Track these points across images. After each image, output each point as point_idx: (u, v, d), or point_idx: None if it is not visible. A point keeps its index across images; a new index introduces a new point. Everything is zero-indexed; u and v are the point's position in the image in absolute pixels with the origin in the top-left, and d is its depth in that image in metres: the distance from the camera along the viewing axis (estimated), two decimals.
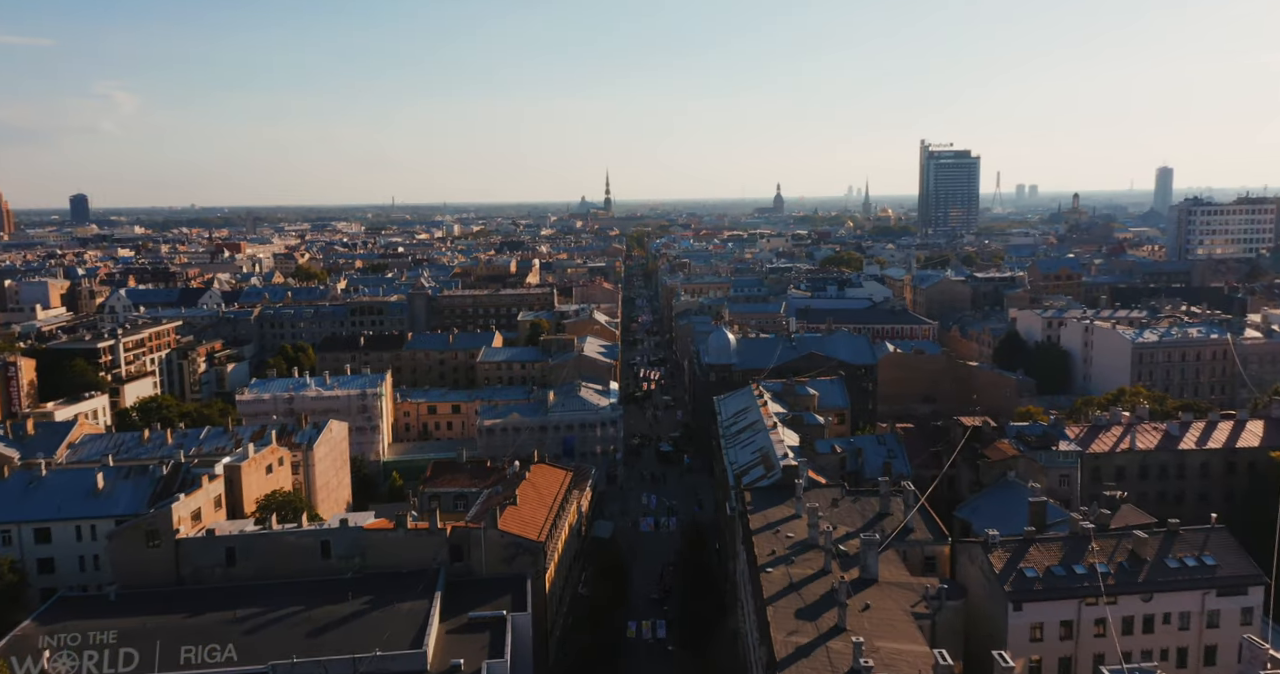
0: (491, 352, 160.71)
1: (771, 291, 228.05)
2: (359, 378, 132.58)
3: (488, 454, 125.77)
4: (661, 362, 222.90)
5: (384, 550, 75.13)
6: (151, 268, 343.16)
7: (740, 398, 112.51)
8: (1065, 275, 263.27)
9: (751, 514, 71.61)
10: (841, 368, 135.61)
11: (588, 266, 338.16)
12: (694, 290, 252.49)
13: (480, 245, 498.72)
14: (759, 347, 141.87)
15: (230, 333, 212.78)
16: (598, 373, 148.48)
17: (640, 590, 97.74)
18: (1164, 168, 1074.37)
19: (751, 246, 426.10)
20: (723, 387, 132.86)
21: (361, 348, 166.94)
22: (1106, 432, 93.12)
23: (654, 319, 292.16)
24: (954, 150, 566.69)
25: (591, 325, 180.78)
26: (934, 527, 70.45)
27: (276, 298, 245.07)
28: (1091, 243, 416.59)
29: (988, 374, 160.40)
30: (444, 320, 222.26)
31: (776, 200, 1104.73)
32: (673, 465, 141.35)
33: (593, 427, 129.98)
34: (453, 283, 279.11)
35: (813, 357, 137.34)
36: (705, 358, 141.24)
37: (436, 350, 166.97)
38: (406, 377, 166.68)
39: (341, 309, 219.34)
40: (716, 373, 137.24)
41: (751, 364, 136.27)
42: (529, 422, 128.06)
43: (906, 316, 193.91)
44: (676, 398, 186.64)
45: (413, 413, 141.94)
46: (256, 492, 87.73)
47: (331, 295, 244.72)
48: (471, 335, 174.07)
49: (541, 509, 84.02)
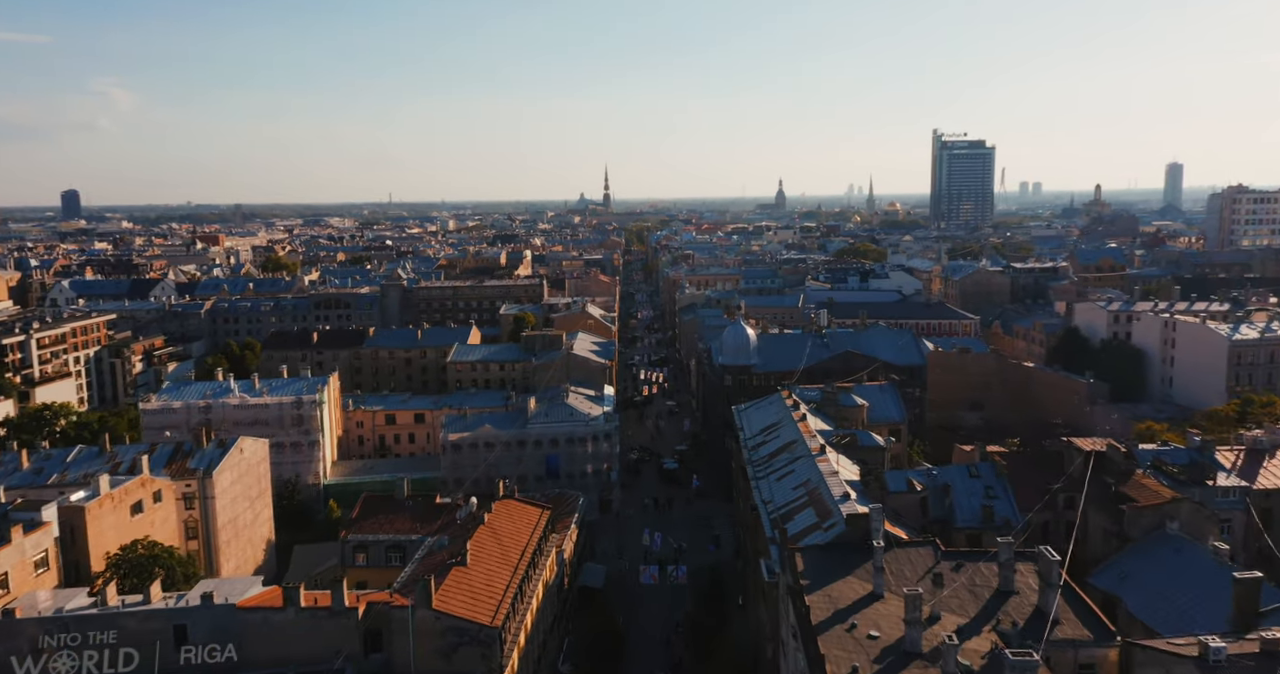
0: (465, 350, 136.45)
1: (787, 283, 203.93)
2: (297, 382, 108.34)
3: (453, 475, 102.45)
4: (664, 361, 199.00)
5: (266, 638, 51.36)
6: (115, 260, 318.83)
7: (768, 409, 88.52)
8: (1108, 266, 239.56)
9: (809, 592, 47.70)
10: (885, 370, 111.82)
11: (583, 259, 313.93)
12: (700, 282, 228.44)
13: (473, 239, 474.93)
14: (784, 344, 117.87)
15: (178, 329, 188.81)
16: (589, 375, 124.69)
17: (641, 662, 73.98)
18: (1174, 163, 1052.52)
19: (758, 239, 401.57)
20: (741, 392, 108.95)
21: (314, 345, 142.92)
22: (1273, 458, 68.97)
23: (655, 315, 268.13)
24: (968, 140, 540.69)
25: (584, 319, 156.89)
26: (1086, 613, 46.52)
27: (236, 290, 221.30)
28: (1119, 235, 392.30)
29: (1049, 377, 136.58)
30: (419, 315, 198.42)
31: (778, 196, 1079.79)
32: (679, 487, 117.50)
33: (582, 441, 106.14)
34: (435, 275, 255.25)
35: (849, 356, 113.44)
36: (719, 358, 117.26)
37: (402, 348, 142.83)
38: (367, 379, 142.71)
39: (304, 302, 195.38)
40: (733, 375, 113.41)
41: (775, 365, 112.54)
42: (504, 435, 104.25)
43: (944, 310, 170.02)
44: (682, 403, 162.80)
45: (367, 423, 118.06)
46: (113, 541, 63.78)
47: (297, 288, 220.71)
48: (444, 331, 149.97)
49: (503, 570, 60.06)
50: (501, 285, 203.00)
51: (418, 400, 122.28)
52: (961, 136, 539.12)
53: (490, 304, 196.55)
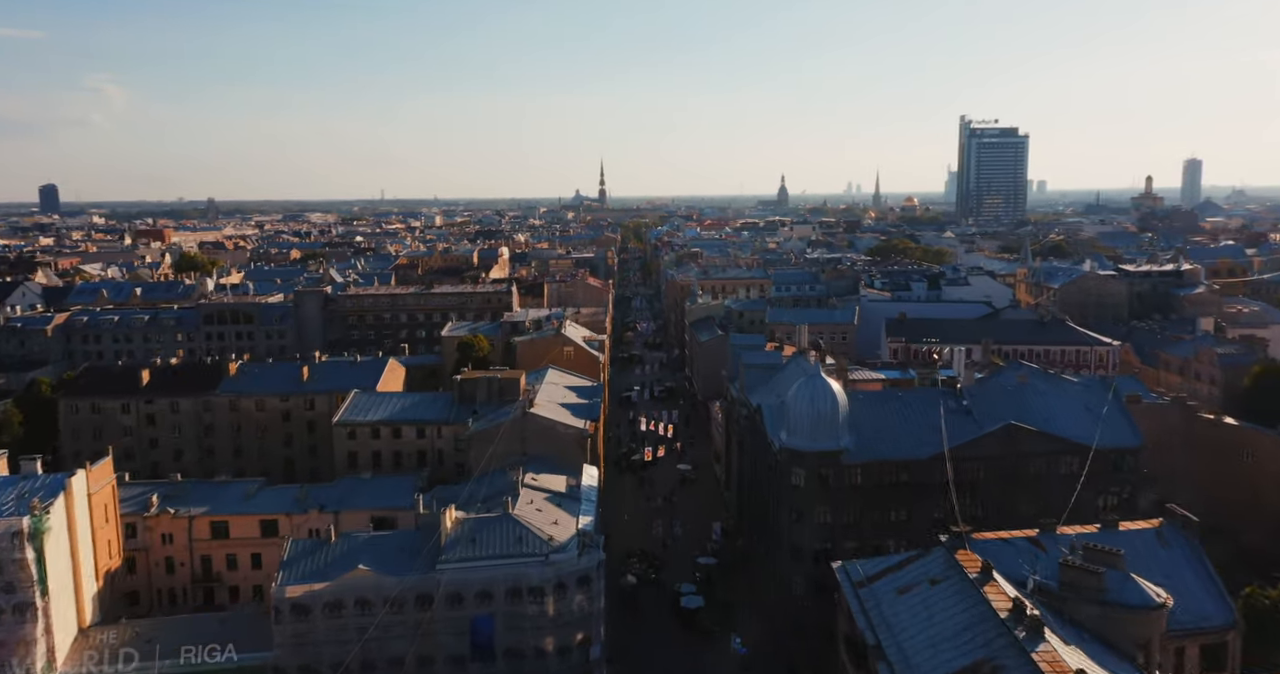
0: (365, 401, 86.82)
1: (831, 291, 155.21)
2: (12, 483, 59.33)
3: (294, 661, 54.84)
4: (672, 395, 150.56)
5: None
6: (14, 258, 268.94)
7: (922, 594, 40.11)
8: (1226, 269, 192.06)
9: None
10: (1068, 456, 63.48)
11: (572, 258, 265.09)
12: (714, 288, 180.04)
13: (454, 234, 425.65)
14: (893, 413, 68.23)
15: (17, 350, 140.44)
16: (560, 448, 76.39)
17: None
18: (1192, 159, 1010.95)
19: (772, 235, 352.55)
20: (822, 501, 60.62)
21: (143, 389, 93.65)
22: None
23: (657, 327, 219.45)
24: (999, 128, 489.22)
25: (560, 347, 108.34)
26: None
27: (120, 296, 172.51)
28: (1180, 233, 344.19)
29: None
30: (349, 331, 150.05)
31: (781, 192, 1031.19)
32: (706, 642, 69.48)
33: (538, 594, 57.87)
34: (386, 277, 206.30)
35: (1013, 434, 64.79)
36: (779, 432, 68.16)
37: (277, 394, 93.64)
38: (223, 442, 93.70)
39: (192, 315, 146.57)
40: (808, 469, 64.53)
41: (883, 449, 64.15)
42: (391, 587, 56.01)
43: (1067, 332, 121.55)
44: (699, 462, 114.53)
45: (178, 540, 69.51)
46: None
47: (199, 294, 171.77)
48: (343, 367, 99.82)
49: None
50: (457, 293, 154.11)
51: (272, 495, 73.43)
52: (992, 124, 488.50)
53: (443, 317, 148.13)
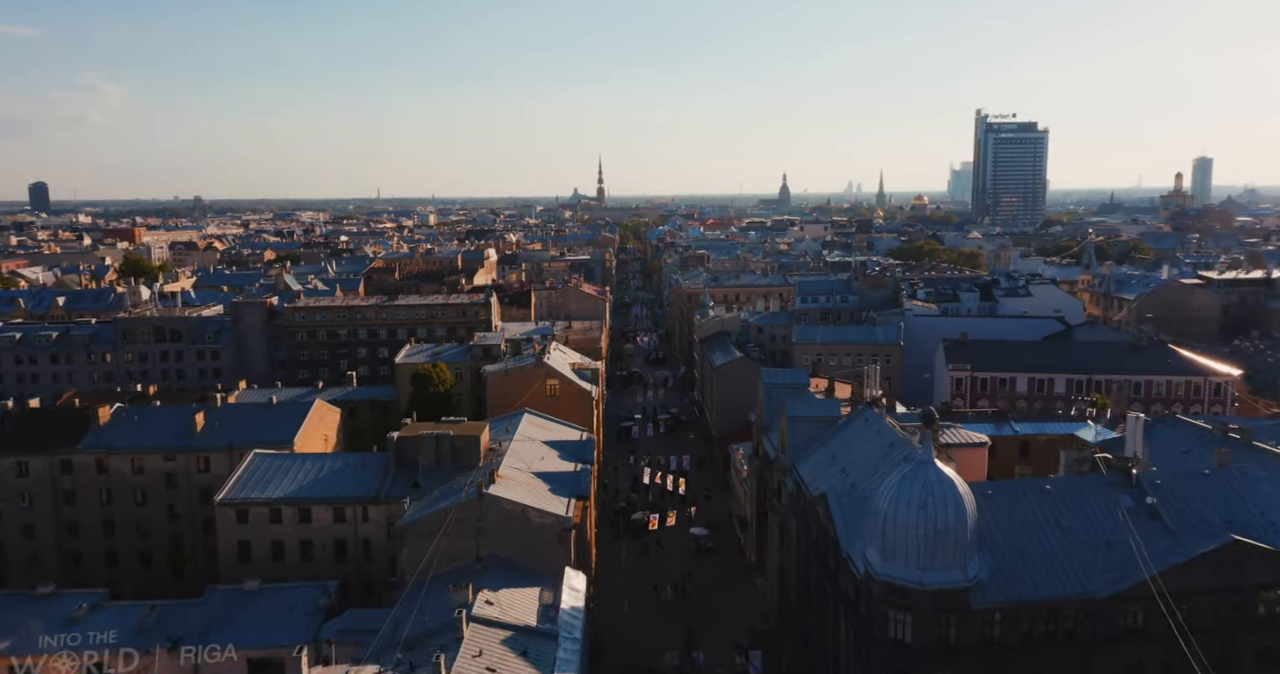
0: (263, 469, 63.27)
1: (868, 303, 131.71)
2: None
3: None
4: (680, 426, 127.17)
5: None
6: None
7: None
8: None
9: None
10: None
11: (567, 261, 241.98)
12: (727, 297, 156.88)
13: (445, 234, 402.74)
14: (1042, 519, 44.06)
15: None
16: (530, 545, 53.10)
17: None
18: (1202, 158, 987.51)
19: (782, 236, 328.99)
20: (940, 666, 37.19)
21: None
22: None
23: (659, 340, 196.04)
24: (1017, 122, 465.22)
25: (543, 379, 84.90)
26: None
27: (39, 307, 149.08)
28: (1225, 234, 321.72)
29: None
30: (297, 350, 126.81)
31: (783, 191, 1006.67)
32: None
33: None
34: (353, 283, 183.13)
35: (1240, 557, 41.59)
36: (868, 557, 44.21)
37: (159, 450, 70.04)
38: (88, 514, 70.17)
39: (108, 331, 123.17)
40: (917, 617, 41.00)
41: (1036, 588, 40.61)
42: None
43: (1170, 357, 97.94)
44: (717, 525, 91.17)
45: None
46: None
47: (131, 303, 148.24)
48: (259, 412, 76.31)
49: None
50: (425, 304, 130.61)
51: (108, 618, 49.65)
52: (1009, 118, 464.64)
53: (409, 333, 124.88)
